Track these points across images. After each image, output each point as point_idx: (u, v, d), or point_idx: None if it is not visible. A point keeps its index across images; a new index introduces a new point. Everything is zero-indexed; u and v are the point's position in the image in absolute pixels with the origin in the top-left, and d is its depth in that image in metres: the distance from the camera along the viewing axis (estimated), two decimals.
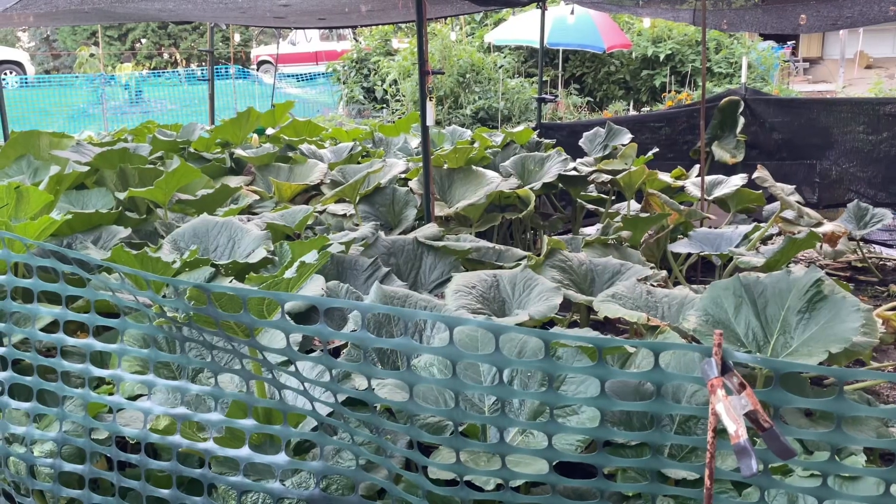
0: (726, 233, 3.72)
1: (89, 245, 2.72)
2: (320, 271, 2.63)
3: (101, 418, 1.85)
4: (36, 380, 1.74)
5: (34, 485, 1.75)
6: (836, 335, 2.10)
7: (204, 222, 2.77)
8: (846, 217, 4.57)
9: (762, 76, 13.21)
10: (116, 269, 1.65)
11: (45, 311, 1.76)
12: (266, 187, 4.17)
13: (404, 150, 5.44)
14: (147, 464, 1.62)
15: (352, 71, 15.01)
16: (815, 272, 2.31)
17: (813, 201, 5.79)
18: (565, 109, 12.77)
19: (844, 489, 1.50)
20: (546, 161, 4.58)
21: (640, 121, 6.70)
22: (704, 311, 2.27)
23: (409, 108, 12.43)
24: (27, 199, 2.51)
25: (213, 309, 1.52)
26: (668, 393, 1.92)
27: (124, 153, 3.74)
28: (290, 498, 1.62)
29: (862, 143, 5.81)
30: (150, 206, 3.54)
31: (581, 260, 3.01)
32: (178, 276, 2.21)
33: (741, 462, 1.11)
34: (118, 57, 19.70)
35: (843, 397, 1.19)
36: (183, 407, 1.67)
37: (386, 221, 3.92)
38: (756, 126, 6.07)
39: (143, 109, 13.27)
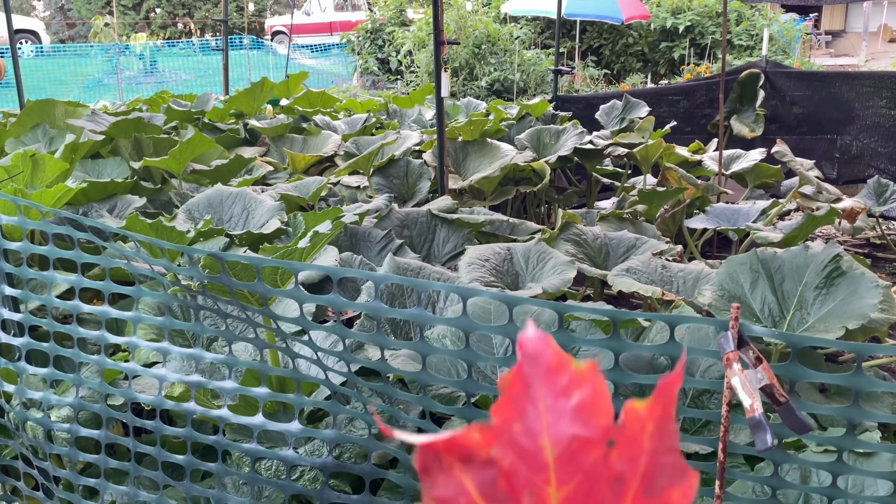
0: (743, 208, 3.67)
1: (105, 214, 2.73)
2: (334, 243, 2.63)
3: (116, 385, 1.88)
4: (53, 346, 1.76)
5: (51, 449, 1.78)
6: (853, 311, 2.07)
7: (218, 192, 2.77)
8: (866, 193, 4.49)
9: (783, 49, 12.91)
10: (132, 238, 1.65)
11: (61, 279, 1.78)
12: (280, 158, 4.16)
13: (419, 121, 5.40)
14: (162, 430, 1.64)
15: (366, 41, 14.86)
16: (833, 247, 2.27)
17: (832, 177, 5.69)
18: (582, 82, 12.59)
19: (859, 465, 1.49)
20: (562, 134, 4.53)
21: (658, 94, 6.58)
22: (720, 285, 2.25)
23: (423, 80, 12.31)
24: (43, 167, 2.52)
25: (227, 278, 1.52)
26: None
27: (139, 123, 3.73)
28: (304, 465, 1.64)
29: (884, 118, 5.68)
30: (165, 175, 3.55)
31: (596, 234, 2.98)
32: (192, 246, 2.21)
33: (756, 436, 1.10)
34: (133, 27, 19.63)
35: (860, 372, 1.17)
36: (197, 375, 1.69)
37: (399, 193, 3.90)
38: (776, 100, 5.95)
39: (157, 79, 13.25)
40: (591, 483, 0.39)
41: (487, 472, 0.39)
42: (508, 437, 0.39)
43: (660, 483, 0.39)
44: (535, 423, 0.39)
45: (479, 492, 0.39)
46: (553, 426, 0.39)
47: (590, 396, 0.39)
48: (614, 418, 0.40)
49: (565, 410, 0.39)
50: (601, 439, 0.39)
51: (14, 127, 3.57)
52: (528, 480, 0.39)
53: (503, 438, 0.39)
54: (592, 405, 0.39)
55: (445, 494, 0.39)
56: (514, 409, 0.39)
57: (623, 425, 0.39)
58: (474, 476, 0.39)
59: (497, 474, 0.39)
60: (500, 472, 0.39)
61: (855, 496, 1.25)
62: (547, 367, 0.40)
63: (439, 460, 0.39)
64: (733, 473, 1.33)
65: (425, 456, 0.39)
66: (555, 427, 0.39)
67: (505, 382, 0.40)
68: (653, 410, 0.39)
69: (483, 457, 0.39)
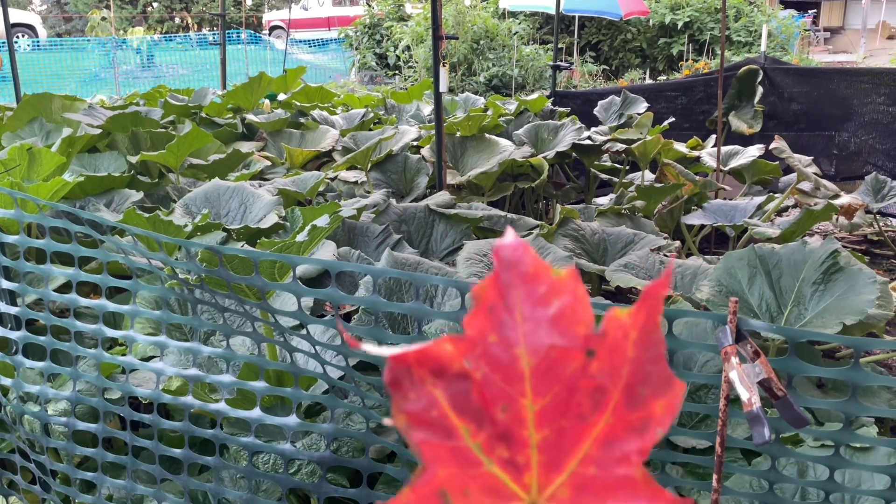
0: (741, 204, 3.67)
1: (101, 208, 2.72)
2: (332, 238, 2.62)
3: (114, 378, 1.88)
4: (50, 339, 1.76)
5: (48, 442, 1.78)
6: (850, 307, 2.08)
7: (216, 187, 2.76)
8: (863, 190, 4.49)
9: (782, 45, 12.91)
10: (129, 231, 1.65)
11: (58, 272, 1.77)
12: (277, 153, 4.15)
13: (417, 117, 5.39)
14: (159, 424, 1.64)
15: (364, 36, 14.81)
16: (831, 243, 2.28)
17: (830, 173, 5.69)
18: (580, 77, 12.57)
19: (856, 459, 1.50)
20: (560, 130, 4.52)
21: (657, 90, 6.58)
22: (718, 281, 2.25)
23: (421, 75, 12.28)
24: (39, 160, 2.51)
25: (224, 271, 1.52)
26: (679, 363, 1.91)
27: (136, 117, 3.72)
28: (301, 459, 1.64)
29: (882, 114, 5.68)
30: (162, 170, 3.53)
31: (594, 229, 2.98)
32: (190, 240, 2.20)
33: (754, 430, 1.10)
34: (130, 21, 19.54)
35: (858, 366, 1.18)
36: (195, 368, 1.69)
37: (398, 189, 3.90)
38: (774, 96, 5.95)
39: (154, 74, 13.20)
40: (568, 394, 0.38)
41: (460, 385, 0.37)
42: (482, 348, 0.37)
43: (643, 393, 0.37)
44: (511, 333, 0.37)
45: (451, 405, 0.37)
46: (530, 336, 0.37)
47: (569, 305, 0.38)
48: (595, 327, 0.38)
49: (543, 319, 0.37)
50: (580, 349, 0.38)
51: (10, 121, 3.55)
52: (502, 392, 0.37)
53: (477, 350, 0.37)
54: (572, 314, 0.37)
55: (416, 408, 0.37)
56: (489, 320, 0.37)
57: (604, 334, 0.38)
58: (446, 389, 0.37)
59: (470, 387, 0.37)
60: (474, 385, 0.37)
61: (852, 490, 1.25)
62: (524, 274, 0.38)
63: (410, 374, 0.37)
64: (731, 468, 1.33)
65: (396, 369, 0.37)
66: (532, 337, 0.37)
67: (479, 291, 0.38)
68: (637, 318, 0.37)
69: (456, 369, 0.37)
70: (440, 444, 0.37)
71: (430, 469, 0.37)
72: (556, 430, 0.38)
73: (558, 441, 0.38)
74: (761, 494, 1.35)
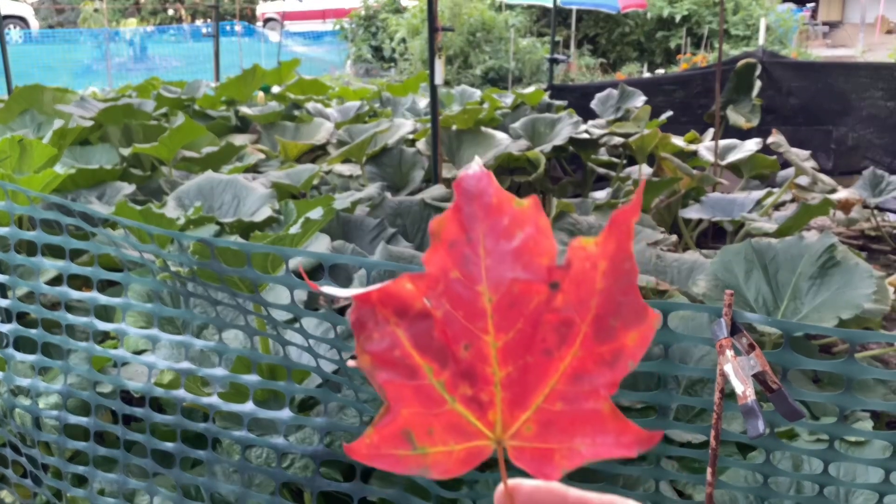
0: (739, 198, 3.67)
1: (93, 201, 2.70)
2: (326, 231, 2.61)
3: (105, 372, 1.86)
4: (41, 333, 1.74)
5: (40, 436, 1.76)
6: (847, 302, 2.07)
7: (209, 180, 2.74)
8: (861, 184, 4.48)
9: (780, 39, 12.90)
10: (121, 224, 1.63)
11: (49, 265, 1.75)
12: (271, 146, 4.13)
13: (412, 110, 5.36)
14: (151, 417, 1.63)
15: (359, 29, 14.75)
16: (828, 238, 2.27)
17: (828, 168, 5.68)
18: (578, 71, 12.54)
19: (851, 453, 1.49)
20: (557, 123, 4.50)
21: (654, 83, 6.56)
22: (714, 275, 2.24)
23: (417, 68, 12.23)
24: (31, 152, 2.49)
25: (217, 264, 1.50)
26: (676, 356, 1.90)
27: (129, 109, 3.69)
28: (294, 453, 1.63)
29: (880, 109, 5.67)
30: (155, 162, 3.51)
31: (590, 223, 2.97)
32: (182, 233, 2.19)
33: (748, 423, 1.10)
34: (122, 12, 19.41)
35: (853, 359, 1.17)
36: (187, 362, 1.67)
37: (393, 182, 3.88)
38: (772, 90, 5.93)
39: (147, 66, 13.12)
40: (532, 329, 0.37)
41: (422, 324, 0.37)
42: (444, 285, 0.37)
43: (614, 325, 0.36)
44: (473, 268, 0.37)
45: (413, 344, 0.37)
46: (492, 271, 0.37)
47: (532, 237, 0.36)
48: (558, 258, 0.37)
49: (506, 253, 0.37)
50: (543, 282, 0.36)
51: (1, 113, 3.52)
52: (464, 330, 0.37)
53: (438, 287, 0.37)
54: (535, 246, 0.36)
55: (379, 348, 0.37)
56: (450, 256, 0.37)
57: (569, 265, 0.36)
58: (409, 328, 0.37)
59: (432, 325, 0.37)
60: (436, 323, 0.37)
61: (847, 484, 1.24)
62: (488, 206, 0.37)
63: (374, 314, 0.37)
64: (727, 461, 1.33)
65: (360, 309, 0.37)
66: (494, 272, 0.37)
67: (438, 226, 0.37)
68: (606, 247, 0.36)
69: (418, 308, 0.37)
70: (403, 384, 0.37)
71: (393, 409, 0.37)
72: (520, 367, 0.37)
73: (523, 377, 0.37)
74: (756, 488, 1.35)
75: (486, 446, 0.38)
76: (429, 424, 0.37)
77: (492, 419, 0.38)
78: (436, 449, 0.37)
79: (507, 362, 0.37)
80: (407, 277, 0.37)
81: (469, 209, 0.37)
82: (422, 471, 0.37)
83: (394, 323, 0.37)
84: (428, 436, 0.37)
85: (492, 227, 0.37)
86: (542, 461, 0.37)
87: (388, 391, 0.37)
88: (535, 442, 0.37)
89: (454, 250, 0.37)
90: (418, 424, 0.37)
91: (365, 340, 0.37)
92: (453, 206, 0.37)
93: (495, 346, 0.37)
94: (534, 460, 0.37)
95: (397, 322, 0.37)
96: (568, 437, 0.37)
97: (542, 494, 0.38)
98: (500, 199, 0.37)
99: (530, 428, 0.38)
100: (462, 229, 0.37)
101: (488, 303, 0.37)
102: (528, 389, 0.37)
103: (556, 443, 0.37)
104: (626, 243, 0.36)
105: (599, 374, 0.37)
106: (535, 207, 0.37)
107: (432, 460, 0.37)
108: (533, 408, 0.37)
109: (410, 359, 0.37)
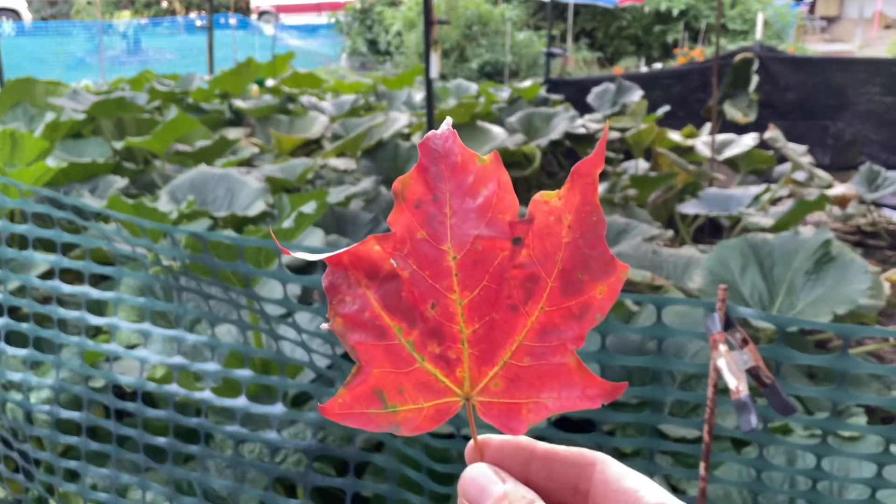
0: (735, 194, 3.66)
1: (86, 194, 2.68)
2: (320, 225, 2.59)
3: (97, 366, 1.85)
4: (32, 327, 1.73)
5: (31, 431, 1.75)
6: (842, 297, 2.07)
7: (202, 174, 2.73)
8: (858, 180, 4.48)
9: (778, 34, 12.88)
10: (113, 217, 1.61)
11: (40, 259, 1.74)
12: (265, 139, 4.11)
13: (408, 104, 5.34)
14: (144, 412, 1.62)
15: (355, 22, 14.69)
16: (824, 233, 2.27)
17: (825, 163, 5.68)
18: (575, 65, 12.51)
19: (845, 448, 1.49)
20: (553, 118, 4.49)
21: (652, 78, 6.55)
22: (710, 271, 2.24)
23: (413, 61, 12.19)
24: (22, 145, 2.47)
25: (210, 258, 1.49)
26: (670, 351, 1.90)
27: (122, 102, 3.67)
28: (287, 448, 1.62)
29: (877, 105, 5.67)
30: (148, 156, 3.49)
31: None
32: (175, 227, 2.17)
33: (741, 418, 1.09)
34: (116, 4, 19.29)
35: (847, 354, 1.16)
36: (180, 357, 1.66)
37: (388, 177, 3.86)
38: (770, 85, 5.93)
39: (141, 59, 13.04)
40: (497, 286, 0.37)
41: (391, 285, 0.37)
42: (410, 245, 0.37)
43: (581, 278, 0.37)
44: (439, 228, 0.37)
45: (382, 305, 0.38)
46: (457, 229, 0.37)
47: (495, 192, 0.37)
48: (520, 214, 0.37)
49: (471, 211, 0.37)
50: (506, 238, 0.37)
51: None
52: (430, 289, 0.37)
53: (404, 248, 0.37)
54: (498, 202, 0.37)
55: (351, 311, 0.38)
56: (416, 216, 0.37)
57: (531, 220, 0.37)
58: (378, 290, 0.38)
59: (400, 286, 0.37)
60: (403, 283, 0.37)
61: (840, 479, 1.24)
62: (454, 165, 0.37)
63: (347, 277, 0.38)
64: (720, 456, 1.32)
65: (333, 273, 0.37)
66: (459, 230, 0.37)
67: (402, 186, 0.37)
68: (570, 200, 0.36)
69: (387, 269, 0.37)
70: (374, 345, 0.38)
71: (365, 369, 0.38)
72: (486, 324, 0.38)
73: (490, 334, 0.38)
74: (749, 483, 1.34)
75: (454, 403, 0.39)
76: (399, 383, 0.38)
77: (460, 376, 0.38)
78: (406, 407, 0.38)
79: (474, 319, 0.38)
80: (374, 239, 0.37)
81: (435, 169, 0.37)
82: (392, 428, 0.38)
83: (364, 285, 0.38)
84: (398, 394, 0.38)
85: (457, 185, 0.37)
86: (510, 416, 0.38)
87: (359, 352, 0.38)
88: (503, 397, 0.38)
89: (420, 210, 0.37)
90: (389, 383, 0.38)
91: (338, 304, 0.38)
92: (418, 166, 0.37)
93: (461, 304, 0.38)
94: (501, 415, 0.38)
95: (367, 284, 0.38)
96: (535, 391, 0.38)
97: (511, 448, 0.39)
98: (465, 157, 0.37)
99: (498, 384, 0.38)
100: (428, 189, 0.37)
101: (453, 261, 0.37)
102: (495, 346, 0.38)
103: (523, 397, 0.38)
104: (592, 195, 0.36)
105: (567, 327, 0.37)
106: (496, 163, 0.37)
107: (402, 417, 0.38)
108: (500, 364, 0.38)
109: (380, 320, 0.38)
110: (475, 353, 0.38)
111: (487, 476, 0.37)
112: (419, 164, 0.37)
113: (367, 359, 0.38)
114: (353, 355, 0.38)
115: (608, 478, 0.37)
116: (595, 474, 0.37)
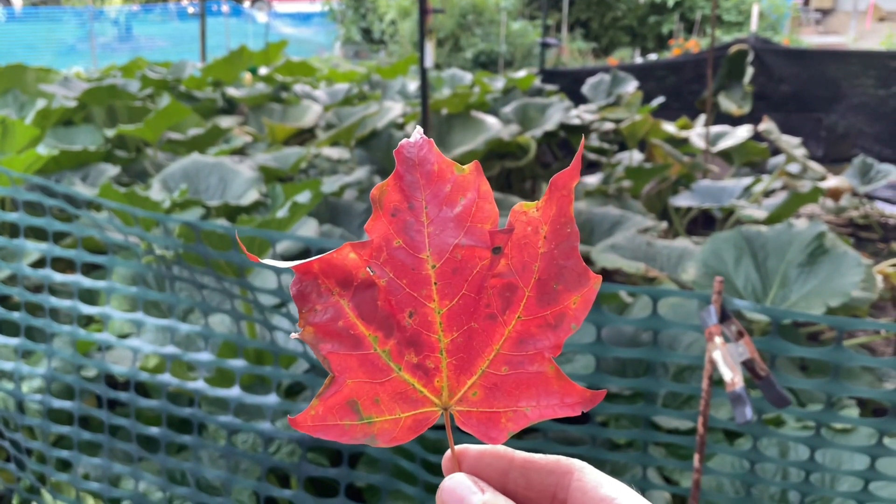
0: (729, 185, 3.66)
1: (77, 182, 2.66)
2: (314, 215, 2.58)
3: (90, 356, 1.84)
4: (24, 316, 1.71)
5: (23, 420, 1.74)
6: (835, 289, 2.08)
7: (194, 162, 2.70)
8: (851, 172, 4.50)
9: (773, 26, 12.88)
10: (105, 206, 1.60)
11: (32, 247, 1.72)
12: (258, 128, 4.07)
13: (402, 93, 5.31)
14: (136, 402, 1.61)
15: (349, 10, 14.58)
16: (817, 226, 2.27)
17: (818, 155, 5.70)
18: (569, 55, 12.47)
19: (837, 440, 1.50)
20: (548, 108, 4.48)
21: (647, 68, 6.54)
22: (704, 262, 2.24)
23: (407, 50, 12.12)
24: (13, 132, 2.44)
25: (203, 247, 1.48)
26: (664, 343, 1.90)
27: (113, 90, 3.63)
28: (281, 439, 1.62)
29: (871, 97, 5.68)
30: (140, 144, 3.46)
31: (580, 209, 2.96)
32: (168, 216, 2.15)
33: (736, 409, 1.10)
34: None
35: (841, 346, 1.17)
36: (172, 346, 1.65)
37: (382, 166, 3.84)
38: (764, 77, 5.93)
39: (132, 46, 12.90)
40: (476, 295, 0.37)
41: (366, 294, 0.37)
42: (387, 253, 0.37)
43: (556, 288, 0.37)
44: (417, 236, 0.37)
45: (357, 314, 0.37)
46: (435, 238, 0.37)
47: (474, 202, 0.37)
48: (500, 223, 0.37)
49: (449, 220, 0.37)
50: (486, 247, 0.37)
51: None
52: (408, 298, 0.37)
53: (381, 256, 0.37)
54: (478, 212, 0.37)
55: (323, 320, 0.37)
56: (393, 224, 0.37)
57: (510, 230, 0.37)
58: (352, 298, 0.37)
59: (377, 294, 0.37)
60: (380, 292, 0.37)
61: (833, 470, 1.25)
62: (430, 174, 0.37)
63: (317, 285, 0.37)
64: (713, 448, 1.33)
65: (302, 281, 0.37)
66: (437, 238, 0.37)
67: (379, 193, 0.37)
68: (547, 212, 0.36)
69: (361, 277, 0.37)
70: (348, 355, 0.37)
71: (338, 380, 0.37)
72: (465, 333, 0.38)
73: (468, 343, 0.38)
74: (743, 474, 1.35)
75: (432, 412, 0.38)
76: (375, 393, 0.38)
77: (438, 386, 0.38)
78: (382, 418, 0.38)
79: (452, 328, 0.38)
80: (349, 247, 0.37)
81: (411, 177, 0.37)
82: (368, 440, 0.37)
83: (337, 293, 0.37)
84: (374, 405, 0.38)
85: (434, 193, 0.37)
86: (489, 425, 0.38)
87: (332, 362, 0.37)
88: (482, 406, 0.38)
89: (397, 218, 0.37)
90: (364, 394, 0.37)
91: (308, 313, 0.37)
92: (394, 174, 0.37)
93: (440, 313, 0.37)
94: (480, 424, 0.38)
95: (341, 293, 0.37)
96: (514, 400, 0.38)
97: (489, 458, 0.39)
98: (442, 166, 0.37)
99: (476, 393, 0.38)
100: (404, 197, 0.37)
101: (432, 270, 0.37)
102: (473, 355, 0.38)
103: (501, 406, 0.38)
104: (567, 207, 0.36)
105: (543, 336, 0.37)
106: (476, 173, 0.37)
107: (379, 429, 0.38)
108: (479, 373, 0.38)
109: (355, 329, 0.37)
110: (454, 362, 0.38)
111: (466, 486, 0.37)
112: (395, 172, 0.37)
113: (340, 369, 0.37)
114: (326, 365, 0.37)
115: (585, 486, 0.37)
116: (573, 482, 0.37)
